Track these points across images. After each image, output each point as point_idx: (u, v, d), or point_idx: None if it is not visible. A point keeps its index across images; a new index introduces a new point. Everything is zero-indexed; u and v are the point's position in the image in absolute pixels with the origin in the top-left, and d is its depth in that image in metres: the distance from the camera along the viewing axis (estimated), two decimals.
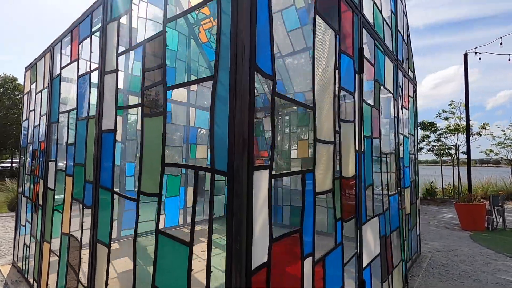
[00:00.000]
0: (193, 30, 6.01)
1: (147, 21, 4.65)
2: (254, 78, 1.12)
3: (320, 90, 1.65)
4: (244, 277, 1.05)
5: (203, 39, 6.12)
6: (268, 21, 1.24)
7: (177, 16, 1.50)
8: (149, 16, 4.67)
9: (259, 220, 1.15)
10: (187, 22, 5.85)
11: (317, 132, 1.60)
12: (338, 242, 1.80)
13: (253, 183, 1.10)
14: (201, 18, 5.83)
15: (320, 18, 1.67)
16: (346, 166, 1.96)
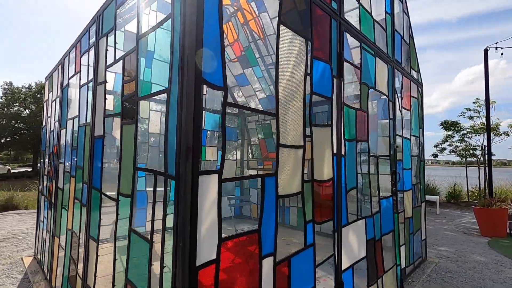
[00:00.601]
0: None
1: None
2: (200, 89, 1.22)
3: (285, 97, 1.72)
4: (188, 272, 1.16)
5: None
6: (219, 35, 1.33)
7: (145, 33, 1.64)
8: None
9: (206, 221, 1.25)
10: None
11: (281, 138, 1.66)
12: (308, 243, 1.84)
13: (198, 187, 1.20)
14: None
15: (286, 27, 1.74)
16: (321, 170, 2.00)
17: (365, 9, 2.70)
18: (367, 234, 2.51)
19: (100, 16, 2.20)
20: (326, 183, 2.07)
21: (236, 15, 5.46)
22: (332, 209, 2.11)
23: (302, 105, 1.84)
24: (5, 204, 8.10)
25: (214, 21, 1.32)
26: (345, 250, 2.21)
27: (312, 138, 1.93)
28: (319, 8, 2.06)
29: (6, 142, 23.66)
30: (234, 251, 1.41)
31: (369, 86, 2.71)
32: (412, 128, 3.74)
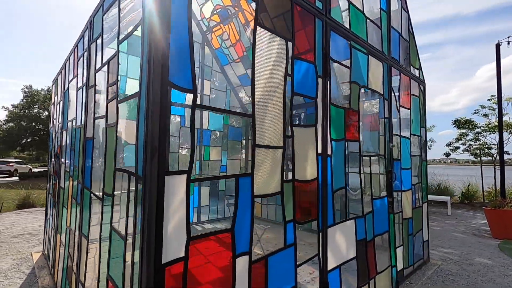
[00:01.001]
0: (206, 37, 6.28)
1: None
2: (166, 93, 1.26)
3: (263, 98, 1.74)
4: (153, 269, 1.20)
5: (215, 45, 6.37)
6: (188, 40, 1.37)
7: (123, 38, 1.69)
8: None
9: (173, 220, 1.28)
10: (200, 30, 6.12)
11: (257, 138, 1.68)
12: (288, 243, 1.85)
13: (164, 187, 1.24)
14: (212, 26, 6.07)
15: (263, 29, 1.75)
16: (303, 170, 2.01)
17: (356, 7, 2.67)
18: (357, 234, 2.49)
19: (91, 21, 2.29)
20: (310, 183, 2.07)
21: (237, 15, 5.50)
22: (317, 209, 2.11)
23: (282, 106, 1.85)
24: (22, 202, 8.48)
25: (183, 26, 1.35)
26: (331, 250, 2.20)
27: (293, 138, 1.93)
28: (302, 8, 2.06)
29: (28, 143, 24.73)
30: (206, 249, 1.44)
31: (361, 85, 2.67)
32: (412, 127, 3.66)
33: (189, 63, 1.36)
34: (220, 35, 6.18)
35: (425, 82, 4.15)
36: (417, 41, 3.93)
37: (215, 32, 6.25)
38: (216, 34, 6.32)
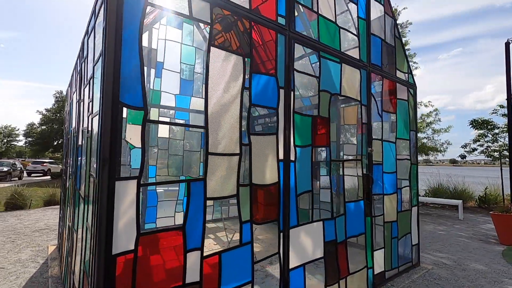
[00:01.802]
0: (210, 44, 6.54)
1: (166, 41, 5.37)
2: (117, 111, 1.50)
3: (217, 111, 1.94)
4: (104, 258, 1.44)
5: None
6: (138, 66, 1.60)
7: (96, 60, 1.95)
8: (168, 37, 5.39)
9: (123, 218, 1.52)
10: (203, 38, 6.42)
11: (210, 148, 1.88)
12: (244, 241, 2.04)
13: (114, 190, 1.48)
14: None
15: (217, 48, 1.96)
16: (261, 174, 2.18)
17: (326, 18, 2.79)
18: (325, 235, 2.62)
19: (83, 42, 2.60)
20: (270, 186, 2.24)
21: (237, 24, 5.71)
22: (278, 211, 2.27)
23: (238, 117, 2.04)
24: (48, 199, 9.24)
25: (134, 55, 1.59)
26: (294, 249, 2.36)
27: (251, 146, 2.12)
28: (262, 26, 2.23)
29: (59, 144, 26.55)
30: (158, 244, 1.67)
31: (332, 93, 2.79)
32: (397, 131, 3.69)
33: (140, 85, 1.59)
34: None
35: (417, 85, 4.15)
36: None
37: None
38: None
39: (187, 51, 5.98)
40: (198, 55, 6.60)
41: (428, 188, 10.03)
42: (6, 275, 3.52)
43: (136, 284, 1.55)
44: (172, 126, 6.25)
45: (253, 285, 2.07)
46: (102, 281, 1.44)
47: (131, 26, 1.57)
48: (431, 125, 10.59)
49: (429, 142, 10.87)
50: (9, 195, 8.35)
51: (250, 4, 2.18)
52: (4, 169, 18.83)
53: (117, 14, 1.52)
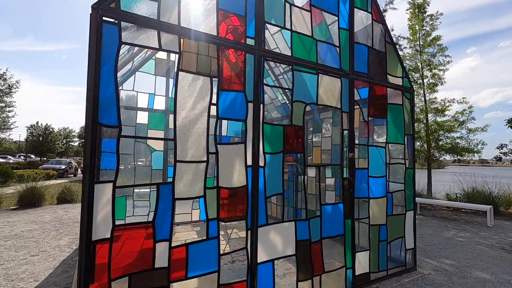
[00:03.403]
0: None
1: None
2: (96, 130, 1.94)
3: (185, 124, 2.30)
4: (85, 243, 1.89)
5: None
6: (114, 93, 2.02)
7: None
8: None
9: (101, 212, 1.95)
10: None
11: (178, 156, 2.25)
12: (211, 236, 2.38)
13: (94, 191, 1.92)
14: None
15: (185, 72, 2.32)
16: (229, 178, 2.50)
17: (301, 33, 3.00)
18: (297, 235, 2.84)
19: None
20: (238, 189, 2.55)
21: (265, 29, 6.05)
22: (246, 211, 2.57)
23: (205, 129, 2.38)
24: None
25: (111, 82, 2.01)
26: (263, 246, 2.63)
27: (217, 154, 2.45)
28: (231, 50, 2.55)
29: None
30: (132, 235, 2.09)
31: (307, 103, 3.00)
32: (388, 136, 3.73)
33: (115, 107, 2.02)
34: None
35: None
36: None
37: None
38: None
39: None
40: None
41: (460, 192, 9.40)
42: (46, 257, 4.28)
43: (112, 264, 1.98)
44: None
45: (219, 274, 2.40)
46: (84, 261, 1.88)
47: (108, 63, 2.00)
48: (465, 124, 9.87)
49: (463, 142, 10.14)
50: (60, 190, 9.68)
51: (218, 31, 2.50)
52: (62, 167, 21.42)
53: (96, 53, 1.96)
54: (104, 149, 2.16)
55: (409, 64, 11.44)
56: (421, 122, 11.08)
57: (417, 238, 5.71)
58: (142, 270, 2.09)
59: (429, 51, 11.26)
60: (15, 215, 7.39)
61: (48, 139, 38.03)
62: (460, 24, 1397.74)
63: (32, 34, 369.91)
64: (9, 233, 5.61)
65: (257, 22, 2.73)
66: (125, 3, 2.09)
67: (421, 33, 11.41)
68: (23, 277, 3.57)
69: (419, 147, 10.96)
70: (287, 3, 2.92)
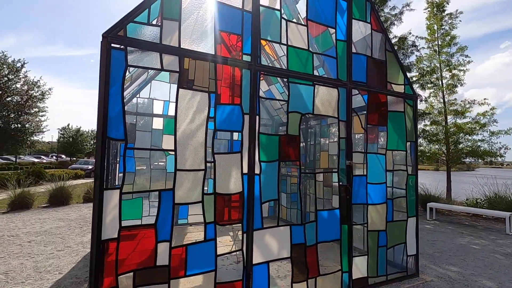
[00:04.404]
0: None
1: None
2: (105, 144, 2.22)
3: (184, 137, 2.54)
4: (95, 241, 2.17)
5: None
6: (121, 110, 2.29)
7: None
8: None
9: (109, 216, 2.23)
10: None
11: (179, 165, 2.50)
12: (208, 238, 2.60)
13: (103, 197, 2.20)
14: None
15: (185, 89, 2.56)
16: (226, 185, 2.71)
17: (297, 47, 3.16)
18: (292, 239, 3.00)
19: None
20: (235, 195, 2.75)
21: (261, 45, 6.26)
22: (242, 215, 2.77)
23: (204, 141, 2.61)
24: None
25: (118, 101, 2.29)
26: (259, 248, 2.82)
27: (215, 163, 2.67)
28: (228, 66, 2.76)
29: None
30: (136, 236, 2.35)
31: (303, 113, 3.16)
32: (388, 143, 3.78)
33: (122, 123, 2.29)
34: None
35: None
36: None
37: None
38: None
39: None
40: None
41: (481, 197, 9.04)
42: (70, 252, 4.72)
43: (118, 261, 2.25)
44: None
45: (216, 273, 2.62)
46: (95, 257, 2.17)
47: (115, 84, 2.28)
48: (486, 126, 9.48)
49: (485, 144, 9.74)
50: (86, 190, 10.38)
51: (215, 50, 2.72)
52: (89, 167, 22.73)
53: (105, 76, 2.24)
54: (123, 154, 2.43)
55: (426, 65, 11.14)
56: (440, 124, 10.74)
57: (427, 244, 5.65)
58: (145, 267, 2.35)
59: (448, 51, 10.90)
60: (46, 212, 8.06)
61: (78, 140, 40.29)
62: (490, 18, 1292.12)
63: (62, 40, 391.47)
64: (40, 229, 6.17)
65: (253, 39, 2.92)
66: (131, 30, 2.37)
67: (439, 33, 11.07)
68: (50, 270, 3.98)
69: (437, 150, 10.64)
70: (283, 19, 3.09)
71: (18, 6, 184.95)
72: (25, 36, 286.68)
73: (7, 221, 6.87)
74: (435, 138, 10.53)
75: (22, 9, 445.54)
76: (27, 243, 5.20)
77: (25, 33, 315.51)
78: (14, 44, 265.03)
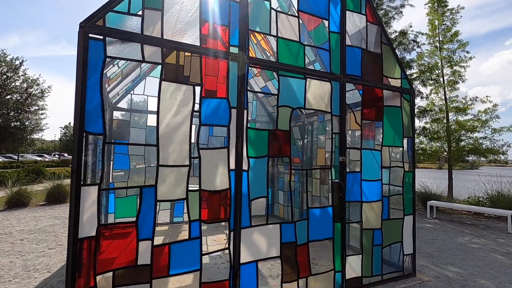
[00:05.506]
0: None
1: None
2: (82, 138, 2.12)
3: (168, 131, 2.44)
4: (72, 240, 2.08)
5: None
6: (100, 103, 2.19)
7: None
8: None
9: (87, 213, 2.14)
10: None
11: (161, 161, 2.40)
12: (193, 236, 2.51)
13: (80, 193, 2.11)
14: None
15: (168, 82, 2.46)
16: (211, 181, 2.62)
17: (287, 39, 3.04)
18: (282, 237, 2.90)
19: None
20: (221, 192, 2.65)
21: (250, 37, 6.16)
22: (229, 212, 2.67)
23: (188, 135, 2.51)
24: None
25: (97, 93, 2.19)
26: (247, 247, 2.72)
27: (200, 158, 2.57)
28: (213, 59, 2.66)
29: None
30: (116, 234, 2.26)
31: (294, 107, 3.05)
32: (383, 139, 3.66)
33: (100, 117, 2.19)
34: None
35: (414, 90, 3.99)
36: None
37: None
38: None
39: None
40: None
41: (483, 196, 8.88)
42: (61, 251, 4.64)
43: (97, 260, 2.16)
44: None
45: (201, 272, 2.52)
46: (71, 256, 2.08)
47: (93, 76, 2.18)
48: (488, 123, 9.31)
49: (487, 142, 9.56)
50: None
51: (201, 41, 2.61)
52: None
53: (82, 67, 2.14)
54: (117, 151, 2.32)
55: (427, 61, 10.96)
56: (441, 122, 10.57)
57: (426, 243, 5.53)
58: (126, 266, 2.26)
59: (449, 47, 10.71)
60: (42, 210, 8.02)
61: None
62: (495, 14, 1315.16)
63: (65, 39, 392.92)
64: (34, 227, 6.12)
65: (241, 30, 2.81)
66: (111, 19, 2.27)
67: (440, 28, 10.88)
68: (39, 268, 3.91)
69: (438, 148, 10.47)
70: (273, 10, 2.98)
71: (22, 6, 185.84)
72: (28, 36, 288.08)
73: (2, 219, 6.83)
74: (436, 136, 10.36)
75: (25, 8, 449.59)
76: (19, 241, 5.14)
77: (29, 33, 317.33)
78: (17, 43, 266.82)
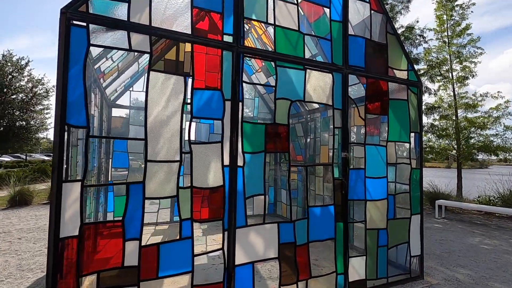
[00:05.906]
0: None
1: None
2: (64, 132, 1.99)
3: (157, 124, 2.30)
4: (53, 239, 1.95)
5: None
6: (82, 94, 2.06)
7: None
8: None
9: (69, 211, 2.01)
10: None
11: (149, 156, 2.26)
12: (184, 236, 2.36)
13: (61, 190, 1.97)
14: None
15: (157, 72, 2.31)
16: (204, 178, 2.46)
17: (286, 27, 2.87)
18: (280, 237, 2.74)
19: None
20: (214, 189, 2.50)
21: (251, 31, 6.00)
22: (223, 211, 2.52)
23: (179, 129, 2.37)
24: None
25: (79, 84, 2.06)
26: (242, 247, 2.57)
27: (192, 154, 2.42)
28: (206, 47, 2.50)
29: None
30: (101, 233, 2.12)
31: (293, 100, 2.88)
32: (389, 134, 3.47)
33: (83, 109, 2.06)
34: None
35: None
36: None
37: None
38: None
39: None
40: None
41: (494, 195, 8.56)
42: None
43: (81, 261, 2.03)
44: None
45: (193, 274, 2.37)
46: (52, 258, 1.95)
47: (76, 65, 2.04)
48: (499, 119, 8.98)
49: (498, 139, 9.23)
50: None
51: (192, 29, 2.46)
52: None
53: (64, 56, 2.01)
54: (116, 149, 2.19)
55: (435, 57, 10.62)
56: (450, 118, 10.24)
57: (435, 244, 5.30)
58: (111, 268, 2.12)
59: (458, 42, 10.37)
60: (44, 209, 7.99)
61: None
62: (506, 10, 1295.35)
63: None
64: (33, 226, 6.07)
65: (236, 18, 2.65)
66: (96, 6, 2.13)
67: (449, 23, 10.53)
68: (33, 268, 3.82)
69: (447, 145, 10.16)
70: None
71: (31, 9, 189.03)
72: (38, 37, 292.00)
73: (2, 218, 6.81)
74: (444, 133, 10.04)
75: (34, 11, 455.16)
76: (17, 240, 5.07)
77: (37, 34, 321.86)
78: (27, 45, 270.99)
